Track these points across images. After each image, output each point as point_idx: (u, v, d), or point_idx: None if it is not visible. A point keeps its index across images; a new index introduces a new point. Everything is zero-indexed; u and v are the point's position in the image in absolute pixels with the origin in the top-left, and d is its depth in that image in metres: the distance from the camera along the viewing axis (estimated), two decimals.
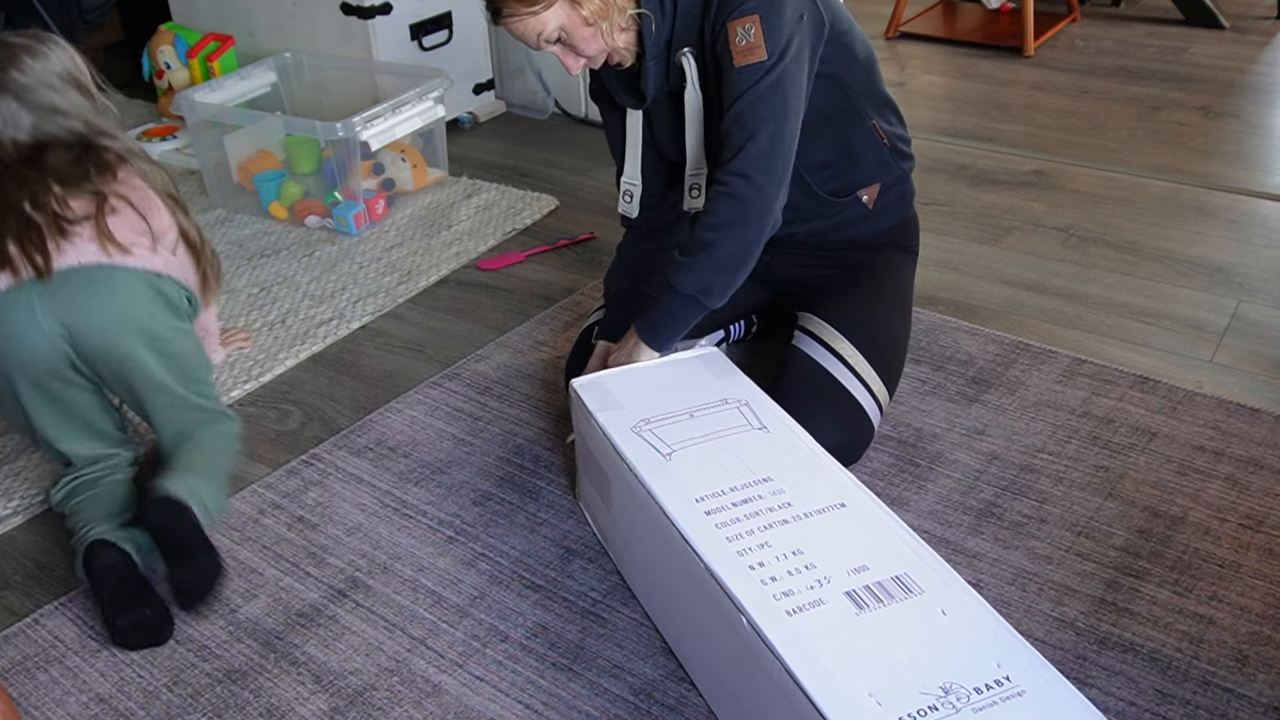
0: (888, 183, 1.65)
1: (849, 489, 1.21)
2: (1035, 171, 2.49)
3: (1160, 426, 1.62)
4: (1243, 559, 1.38)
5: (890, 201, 1.66)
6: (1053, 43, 3.35)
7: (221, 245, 2.33)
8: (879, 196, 1.64)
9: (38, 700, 1.28)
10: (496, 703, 1.24)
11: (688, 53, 1.46)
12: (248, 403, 1.82)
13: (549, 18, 1.39)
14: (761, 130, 1.39)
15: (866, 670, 0.98)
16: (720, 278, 1.43)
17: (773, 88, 1.39)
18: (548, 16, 1.39)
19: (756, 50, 1.38)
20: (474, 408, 1.75)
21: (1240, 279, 2.01)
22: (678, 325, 1.46)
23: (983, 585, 1.36)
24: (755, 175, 1.40)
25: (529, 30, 1.41)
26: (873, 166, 1.62)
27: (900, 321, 1.65)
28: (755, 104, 1.39)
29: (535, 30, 1.41)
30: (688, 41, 1.46)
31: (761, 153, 1.39)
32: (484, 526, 1.50)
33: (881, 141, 1.61)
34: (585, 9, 1.38)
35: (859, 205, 1.64)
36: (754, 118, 1.39)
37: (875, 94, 1.60)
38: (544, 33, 1.41)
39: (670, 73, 1.50)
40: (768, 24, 1.38)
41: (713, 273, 1.42)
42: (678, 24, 1.45)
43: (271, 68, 2.62)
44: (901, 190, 1.68)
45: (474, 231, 2.33)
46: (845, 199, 1.63)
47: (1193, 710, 1.19)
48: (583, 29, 1.41)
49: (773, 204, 1.41)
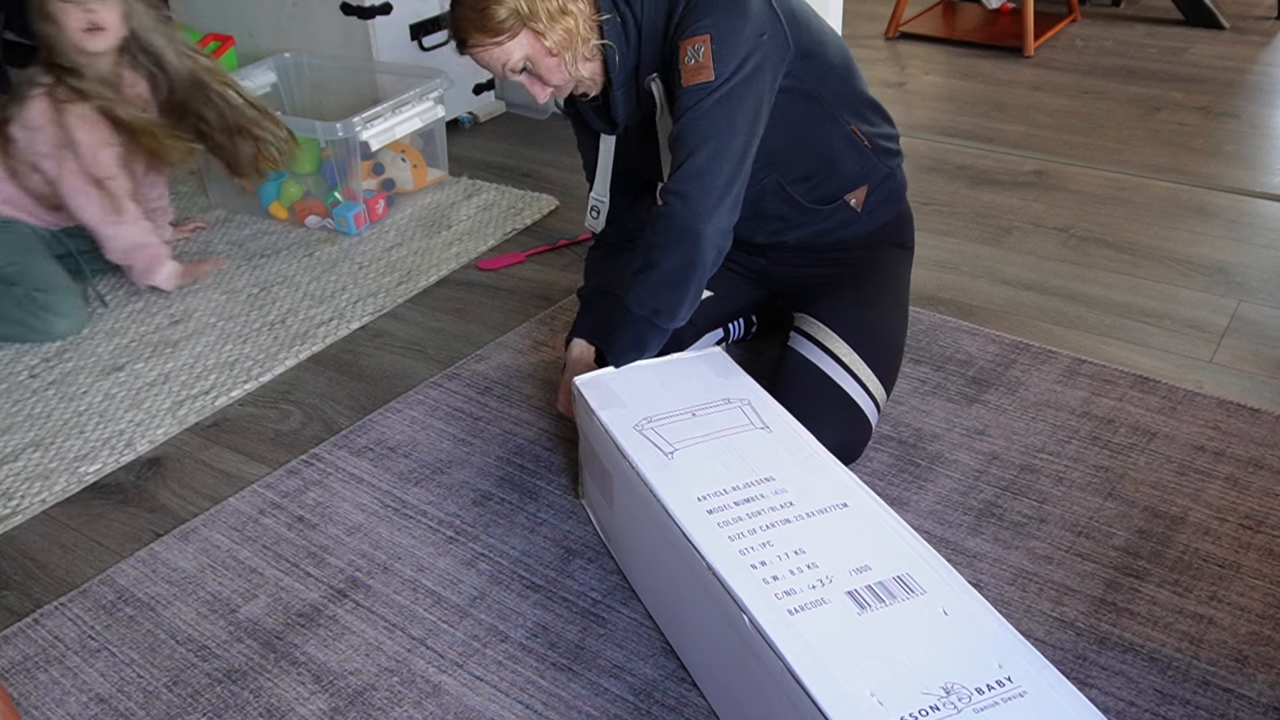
0: (874, 183, 1.64)
1: (851, 489, 1.21)
2: (1035, 171, 2.49)
3: (1160, 426, 1.62)
4: (1243, 559, 1.38)
5: (879, 201, 1.66)
6: (1053, 43, 3.35)
7: (221, 245, 2.33)
8: (867, 198, 1.64)
9: (38, 700, 1.28)
10: (496, 703, 1.24)
11: (656, 78, 1.46)
12: (248, 403, 1.82)
13: (513, 48, 1.39)
14: (700, 149, 1.37)
15: (868, 670, 0.98)
16: (666, 297, 1.42)
17: (716, 106, 1.37)
18: (512, 47, 1.39)
19: (704, 70, 1.37)
20: (474, 408, 1.75)
21: (1240, 279, 2.01)
22: (637, 347, 1.45)
23: (983, 585, 1.36)
24: (689, 192, 1.38)
25: (494, 60, 1.41)
26: (857, 170, 1.61)
27: (896, 317, 1.65)
28: (696, 122, 1.38)
29: (500, 60, 1.41)
30: (655, 67, 1.45)
31: (698, 170, 1.38)
32: (484, 526, 1.50)
33: (864, 144, 1.60)
34: (548, 39, 1.38)
35: (847, 209, 1.63)
36: (694, 136, 1.38)
37: (854, 98, 1.58)
38: (509, 63, 1.41)
39: (640, 98, 1.49)
40: (719, 43, 1.36)
41: (657, 292, 1.41)
42: (643, 50, 1.44)
43: (271, 68, 2.62)
44: (890, 188, 1.67)
45: (474, 231, 2.33)
46: (832, 205, 1.62)
47: (1193, 710, 1.19)
48: (547, 59, 1.41)
49: (705, 221, 1.38)
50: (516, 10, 1.36)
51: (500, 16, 1.36)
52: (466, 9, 1.38)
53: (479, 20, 1.37)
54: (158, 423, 1.77)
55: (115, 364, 1.94)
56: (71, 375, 1.91)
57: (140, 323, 2.07)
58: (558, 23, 1.38)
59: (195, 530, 1.53)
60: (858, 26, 3.55)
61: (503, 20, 1.36)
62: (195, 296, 2.14)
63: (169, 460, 1.69)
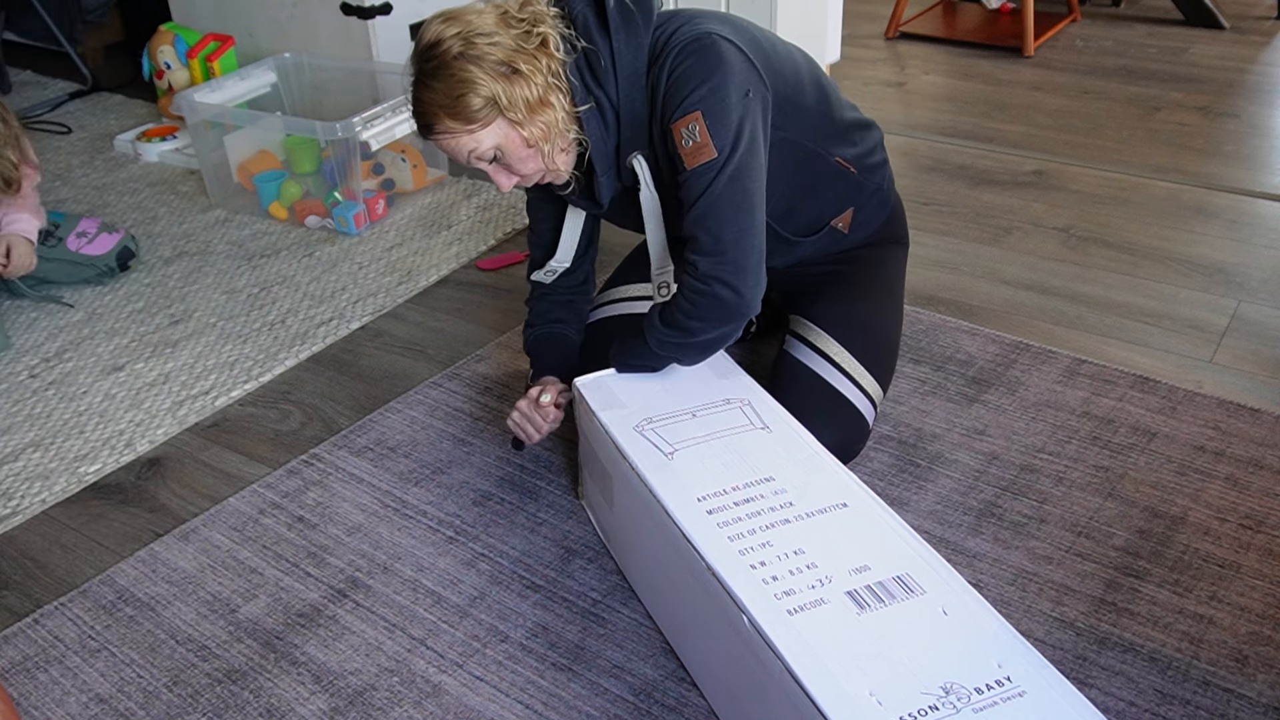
0: (861, 203, 1.61)
1: (851, 489, 1.21)
2: (1035, 171, 2.49)
3: (1160, 426, 1.62)
4: (1243, 559, 1.38)
5: (867, 216, 1.63)
6: (1053, 43, 3.35)
7: (221, 245, 2.34)
8: (854, 218, 1.61)
9: (38, 700, 1.28)
10: (496, 703, 1.24)
11: (638, 156, 1.39)
12: (248, 403, 1.82)
13: (485, 137, 1.30)
14: (726, 232, 1.31)
15: (867, 670, 0.98)
16: (694, 356, 1.41)
17: (730, 183, 1.30)
18: (483, 135, 1.30)
19: (704, 149, 1.29)
20: (474, 408, 1.75)
21: (1240, 279, 2.01)
22: (646, 369, 1.43)
23: (983, 585, 1.36)
24: (733, 280, 1.32)
25: (460, 148, 1.32)
26: (842, 197, 1.58)
27: (889, 312, 1.64)
28: (715, 205, 1.30)
29: (468, 148, 1.32)
30: (637, 146, 1.39)
31: (735, 260, 1.32)
32: (484, 526, 1.50)
33: (848, 171, 1.55)
34: (527, 130, 1.30)
35: (834, 233, 1.61)
36: (716, 221, 1.31)
37: (834, 128, 1.52)
38: (477, 150, 1.32)
39: (622, 175, 1.43)
40: (711, 119, 1.29)
41: (689, 352, 1.40)
42: (624, 132, 1.37)
43: (271, 68, 2.62)
44: (878, 201, 1.63)
45: (474, 231, 2.33)
46: (819, 233, 1.60)
47: (1193, 710, 1.19)
48: (522, 150, 1.33)
49: (755, 301, 1.35)
50: (493, 98, 1.27)
51: (475, 106, 1.27)
52: (436, 93, 1.29)
53: (452, 107, 1.28)
54: (158, 423, 1.77)
55: (115, 364, 1.94)
56: (71, 375, 1.92)
57: (140, 323, 2.07)
58: (538, 115, 1.29)
59: (195, 530, 1.53)
60: (858, 26, 3.55)
61: (477, 109, 1.28)
62: (195, 296, 2.14)
63: (169, 460, 1.69)
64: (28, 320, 2.10)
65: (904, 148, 2.63)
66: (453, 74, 1.28)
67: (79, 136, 2.94)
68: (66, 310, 2.12)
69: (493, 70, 1.27)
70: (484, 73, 1.27)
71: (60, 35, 3.24)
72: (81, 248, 2.17)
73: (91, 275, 2.18)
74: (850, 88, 3.01)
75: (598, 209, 1.49)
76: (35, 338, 2.04)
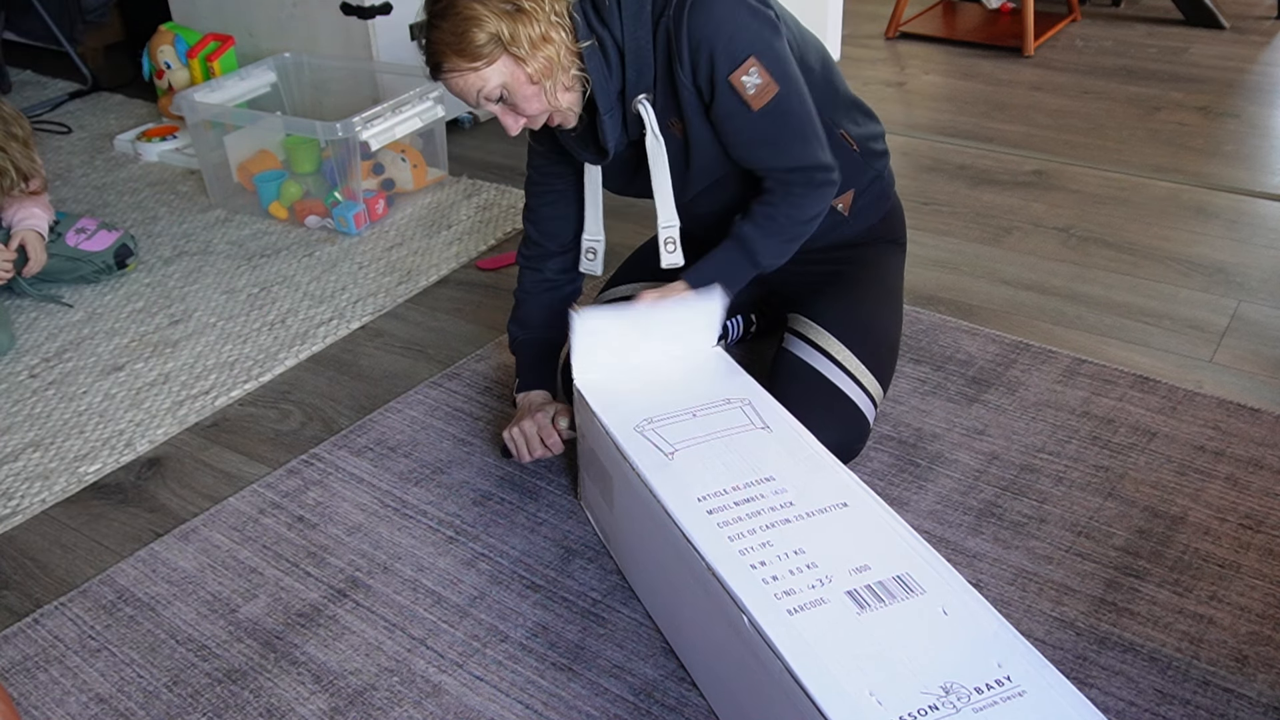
0: (861, 187, 1.62)
1: (851, 488, 1.21)
2: (1035, 171, 2.49)
3: (1160, 426, 1.62)
4: (1243, 559, 1.38)
5: (867, 203, 1.64)
6: (1053, 43, 3.35)
7: (221, 245, 2.34)
8: (854, 201, 1.62)
9: (38, 700, 1.28)
10: (496, 703, 1.24)
11: (644, 99, 1.41)
12: (248, 402, 1.82)
13: (490, 74, 1.33)
14: (813, 145, 1.43)
15: (867, 669, 0.98)
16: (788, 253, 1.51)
17: (801, 105, 1.41)
18: (489, 73, 1.32)
19: (769, 87, 1.37)
20: (474, 408, 1.75)
21: (1240, 279, 2.01)
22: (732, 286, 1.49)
23: (983, 585, 1.36)
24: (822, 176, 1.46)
25: (469, 87, 1.34)
26: (845, 174, 1.58)
27: (889, 312, 1.64)
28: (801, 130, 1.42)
29: (475, 87, 1.35)
30: (642, 88, 1.40)
31: (824, 162, 1.45)
32: (484, 526, 1.50)
33: (851, 148, 1.58)
34: (530, 66, 1.32)
35: (834, 214, 1.61)
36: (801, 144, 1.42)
37: (838, 100, 1.56)
38: (484, 90, 1.35)
39: (628, 122, 1.44)
40: (764, 57, 1.35)
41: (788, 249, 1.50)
42: (628, 72, 1.39)
43: (271, 68, 2.62)
44: (878, 190, 1.65)
45: (474, 231, 2.33)
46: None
47: (1193, 710, 1.19)
48: (526, 87, 1.34)
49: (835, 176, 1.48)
50: (497, 35, 1.29)
51: (480, 41, 1.30)
52: (443, 32, 1.31)
53: (456, 44, 1.30)
54: (158, 423, 1.77)
55: (115, 364, 1.94)
56: (71, 375, 1.92)
57: (140, 323, 2.07)
58: (539, 50, 1.32)
59: (195, 530, 1.53)
60: (858, 26, 3.55)
61: (482, 45, 1.30)
62: (195, 296, 2.14)
63: (169, 460, 1.69)
64: (28, 320, 2.10)
65: (904, 148, 2.63)
66: (458, 12, 1.31)
67: (79, 136, 2.94)
68: (66, 310, 2.12)
69: (497, 8, 1.30)
70: (488, 10, 1.30)
71: (60, 35, 3.24)
72: (80, 243, 2.17)
73: (89, 272, 2.18)
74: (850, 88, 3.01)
75: (602, 158, 1.49)
76: (35, 338, 2.04)
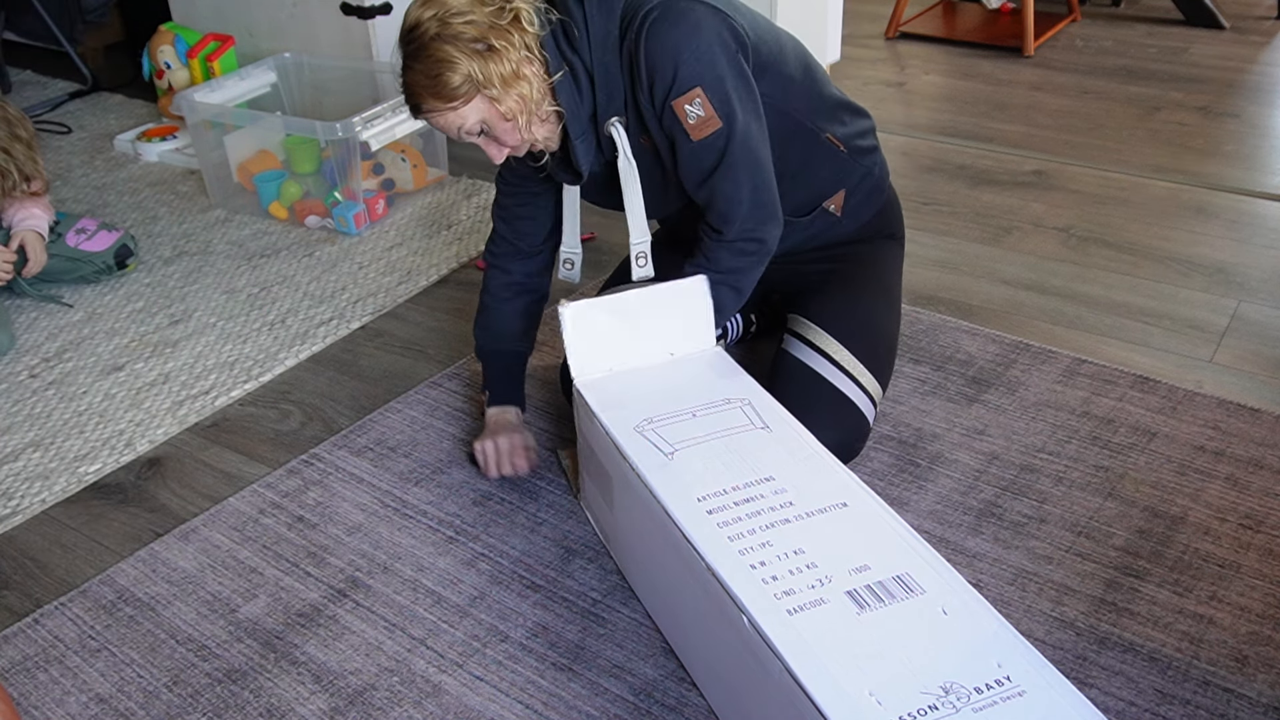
0: (852, 185, 1.62)
1: (851, 488, 1.21)
2: (1035, 171, 2.49)
3: (1160, 426, 1.62)
4: (1243, 559, 1.38)
5: (860, 200, 1.64)
6: (1053, 43, 3.35)
7: (221, 245, 2.34)
8: (846, 200, 1.62)
9: (38, 700, 1.28)
10: (496, 703, 1.24)
11: (615, 123, 1.43)
12: (248, 402, 1.82)
13: (468, 113, 1.36)
14: (744, 193, 1.40)
15: (867, 669, 0.98)
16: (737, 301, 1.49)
17: (740, 147, 1.38)
18: (466, 112, 1.35)
19: (710, 121, 1.36)
20: (474, 408, 1.75)
21: (1240, 279, 2.01)
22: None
23: (983, 585, 1.36)
24: (759, 233, 1.43)
25: (449, 124, 1.38)
26: (833, 177, 1.59)
27: (886, 309, 1.64)
28: (731, 171, 1.38)
29: (455, 125, 1.38)
30: (614, 110, 1.42)
31: (757, 217, 1.42)
32: (484, 526, 1.50)
33: (838, 150, 1.57)
34: (503, 105, 1.35)
35: (827, 215, 1.62)
36: (731, 185, 1.39)
37: (823, 104, 1.56)
38: (464, 126, 1.38)
39: (602, 144, 1.46)
40: (711, 90, 1.35)
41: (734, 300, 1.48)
42: (599, 96, 1.41)
43: (271, 68, 2.62)
44: (870, 185, 1.64)
45: (474, 231, 2.33)
46: (811, 214, 1.61)
47: (1193, 710, 1.19)
48: (501, 123, 1.37)
49: (775, 244, 1.46)
50: (470, 76, 1.32)
51: (454, 84, 1.32)
52: (418, 74, 1.35)
53: (433, 86, 1.34)
54: (158, 423, 1.77)
55: (115, 364, 1.94)
56: (71, 375, 1.92)
57: (140, 323, 2.07)
58: (512, 88, 1.34)
59: (195, 530, 1.53)
60: (858, 26, 3.55)
61: (456, 87, 1.32)
62: (195, 296, 2.14)
63: (169, 460, 1.69)
64: (28, 320, 2.10)
65: (904, 148, 2.63)
66: (431, 54, 1.33)
67: (79, 136, 2.94)
68: (66, 310, 2.12)
69: (468, 49, 1.32)
70: (459, 51, 1.32)
71: (60, 35, 3.24)
72: (80, 244, 2.17)
73: (89, 272, 2.18)
74: (850, 88, 3.01)
75: (577, 179, 1.51)
76: (35, 338, 2.04)
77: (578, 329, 1.41)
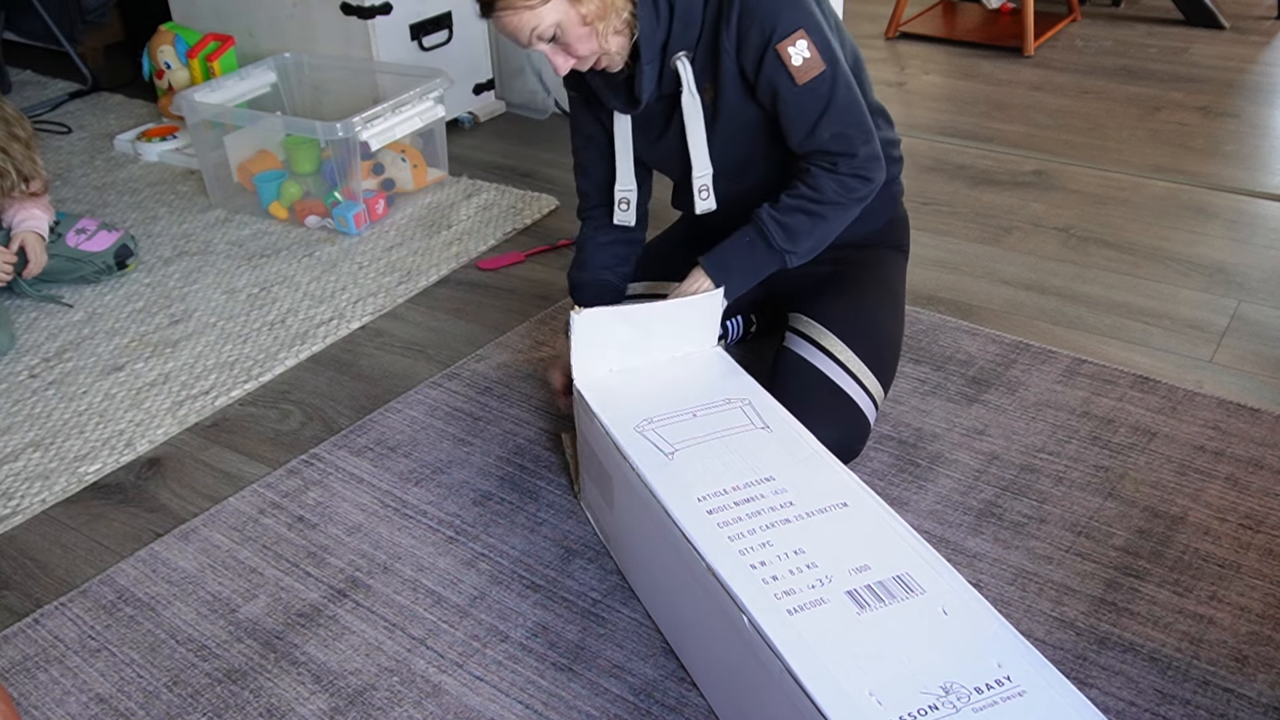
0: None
1: (851, 488, 1.21)
2: (1035, 171, 2.49)
3: (1160, 426, 1.62)
4: (1243, 559, 1.38)
5: (876, 206, 1.64)
6: (1053, 43, 3.35)
7: (221, 245, 2.34)
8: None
9: (38, 700, 1.28)
10: (496, 703, 1.24)
11: (683, 56, 1.44)
12: (248, 403, 1.82)
13: (546, 13, 1.34)
14: (855, 132, 1.44)
15: (867, 669, 0.98)
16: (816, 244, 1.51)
17: (845, 89, 1.43)
18: (545, 11, 1.33)
19: (814, 64, 1.40)
20: (474, 408, 1.75)
21: (1240, 279, 2.01)
22: (752, 275, 1.51)
23: (983, 585, 1.36)
24: (869, 171, 1.46)
25: (523, 25, 1.35)
26: None
27: (891, 314, 1.64)
28: (840, 113, 1.43)
29: (530, 25, 1.35)
30: (684, 45, 1.44)
31: (869, 153, 1.45)
32: (484, 526, 1.50)
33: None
34: (584, 7, 1.34)
35: None
36: (841, 125, 1.43)
37: (866, 103, 1.56)
38: (538, 28, 1.35)
39: (664, 77, 1.47)
40: (814, 33, 1.39)
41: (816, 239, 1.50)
42: (674, 27, 1.42)
43: (271, 68, 2.62)
44: (890, 192, 1.67)
45: (474, 231, 2.33)
46: None
47: (1193, 710, 1.19)
48: (579, 28, 1.36)
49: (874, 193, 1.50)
50: None
51: None
52: None
53: None
54: (158, 423, 1.77)
55: (115, 364, 1.94)
56: (71, 375, 1.92)
57: (140, 323, 2.07)
58: None
59: (195, 530, 1.53)
60: (858, 26, 3.55)
61: None
62: (195, 296, 2.14)
63: (169, 460, 1.69)
64: (28, 320, 2.10)
65: (904, 148, 2.60)
66: None
67: (79, 136, 2.94)
68: (66, 310, 2.12)
69: None
70: None
71: (60, 35, 3.24)
72: (80, 244, 2.17)
73: (89, 272, 2.18)
74: None
75: (633, 107, 1.50)
76: (35, 338, 2.04)
77: (585, 336, 1.40)
